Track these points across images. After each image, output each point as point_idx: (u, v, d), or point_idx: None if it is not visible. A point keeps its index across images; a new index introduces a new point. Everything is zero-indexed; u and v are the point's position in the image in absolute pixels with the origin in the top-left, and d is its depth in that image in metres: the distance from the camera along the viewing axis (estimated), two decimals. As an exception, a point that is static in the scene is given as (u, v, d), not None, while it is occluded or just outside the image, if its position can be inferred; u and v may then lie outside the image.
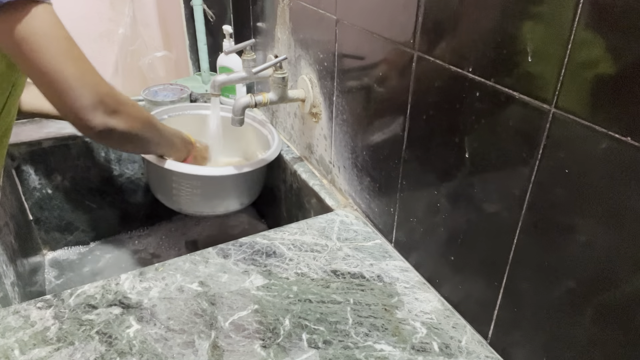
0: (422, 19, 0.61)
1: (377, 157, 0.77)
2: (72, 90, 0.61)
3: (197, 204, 1.00)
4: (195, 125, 1.10)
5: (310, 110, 0.96)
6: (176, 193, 0.98)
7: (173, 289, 0.67)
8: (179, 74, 1.61)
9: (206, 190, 0.98)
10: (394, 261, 0.75)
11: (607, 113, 0.41)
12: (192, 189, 0.96)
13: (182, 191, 0.97)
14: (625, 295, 0.43)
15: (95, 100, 0.63)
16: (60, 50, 0.60)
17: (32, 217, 1.14)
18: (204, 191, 0.97)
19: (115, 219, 1.26)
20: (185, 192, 0.97)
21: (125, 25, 1.55)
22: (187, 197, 0.98)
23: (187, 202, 1.00)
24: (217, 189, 1.00)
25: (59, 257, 1.20)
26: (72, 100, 0.62)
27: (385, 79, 0.71)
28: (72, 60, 0.61)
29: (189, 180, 0.95)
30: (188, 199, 0.98)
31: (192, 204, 1.00)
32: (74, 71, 0.61)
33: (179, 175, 0.94)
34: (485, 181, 0.56)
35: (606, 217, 0.43)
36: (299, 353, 0.58)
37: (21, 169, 1.09)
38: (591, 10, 0.41)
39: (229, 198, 1.02)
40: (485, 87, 0.53)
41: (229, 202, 1.03)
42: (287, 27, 0.99)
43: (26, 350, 0.57)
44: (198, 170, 0.93)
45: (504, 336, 0.58)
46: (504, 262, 0.55)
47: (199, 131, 1.05)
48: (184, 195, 0.98)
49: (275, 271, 0.71)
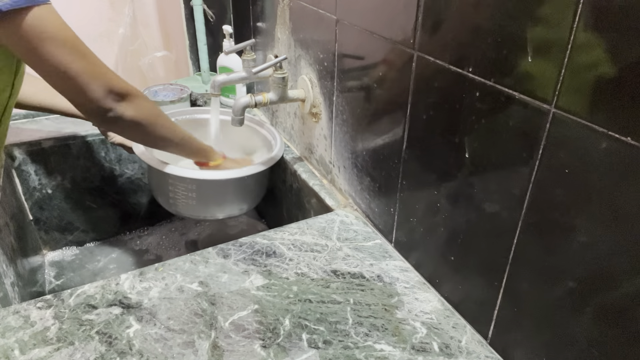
0: (422, 19, 0.61)
1: (377, 157, 0.77)
2: (84, 85, 0.65)
3: (193, 208, 0.99)
4: (194, 131, 1.09)
5: (310, 110, 0.96)
6: (173, 196, 0.97)
7: (173, 289, 0.67)
8: (179, 74, 1.61)
9: (203, 194, 0.97)
10: (394, 261, 0.75)
11: (607, 113, 0.41)
12: (188, 192, 0.95)
13: (178, 194, 0.96)
14: (625, 295, 0.43)
15: (106, 89, 0.67)
16: (68, 49, 0.62)
17: (32, 217, 1.14)
18: (200, 195, 0.96)
19: (115, 219, 1.26)
20: (181, 195, 0.96)
21: (125, 25, 1.55)
22: (184, 201, 0.97)
23: (184, 206, 0.99)
24: (215, 193, 0.99)
25: (59, 257, 1.20)
26: (84, 93, 0.66)
27: (385, 79, 0.71)
28: (80, 56, 0.64)
29: (184, 184, 0.94)
30: (184, 203, 0.97)
31: (188, 208, 0.99)
32: (84, 66, 0.64)
33: (175, 178, 0.93)
34: (485, 181, 0.56)
35: (606, 217, 0.43)
36: (299, 353, 0.58)
37: (21, 169, 1.09)
38: (591, 10, 0.41)
39: (227, 203, 1.01)
40: (485, 87, 0.53)
41: (227, 207, 1.02)
42: (287, 27, 0.99)
43: (26, 350, 0.57)
44: (193, 173, 0.92)
45: (504, 336, 0.58)
46: (504, 262, 0.55)
47: (199, 136, 1.05)
48: (181, 199, 0.97)
49: (275, 271, 0.71)
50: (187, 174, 0.92)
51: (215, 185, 0.96)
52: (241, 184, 0.99)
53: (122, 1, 1.53)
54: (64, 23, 0.62)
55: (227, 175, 0.94)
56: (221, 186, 0.98)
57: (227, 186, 0.98)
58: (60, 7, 0.64)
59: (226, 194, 1.00)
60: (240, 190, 1.02)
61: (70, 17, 0.68)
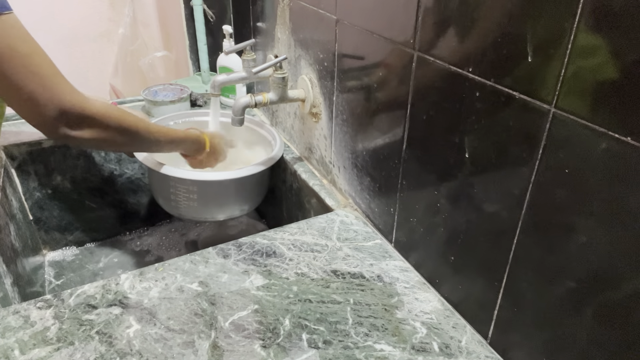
0: (422, 19, 0.61)
1: (377, 157, 0.77)
2: (35, 105, 0.62)
3: (195, 210, 0.99)
4: None
5: (310, 110, 0.96)
6: (174, 198, 0.97)
7: (173, 289, 0.67)
8: (179, 74, 1.61)
9: (203, 195, 0.96)
10: (394, 261, 0.75)
11: (607, 113, 0.41)
12: (189, 194, 0.95)
13: (179, 196, 0.96)
14: (625, 295, 0.43)
15: (57, 114, 0.63)
16: (22, 65, 0.59)
17: (32, 217, 1.14)
18: (201, 196, 0.96)
19: (115, 219, 1.26)
20: (182, 197, 0.96)
21: (125, 25, 1.55)
22: (185, 203, 0.97)
23: (186, 208, 0.98)
24: (215, 195, 0.99)
25: (59, 257, 1.20)
26: (34, 113, 0.63)
27: (385, 79, 0.71)
28: (34, 74, 0.60)
29: (185, 185, 0.94)
30: (186, 205, 0.97)
31: (190, 210, 0.99)
32: (36, 87, 0.61)
33: (176, 180, 0.93)
34: (485, 181, 0.56)
35: (606, 217, 0.43)
36: (299, 353, 0.58)
37: (21, 169, 1.09)
38: (591, 10, 0.41)
39: (229, 204, 1.01)
40: (485, 87, 0.53)
41: (228, 208, 1.01)
42: (287, 27, 0.99)
43: (26, 350, 0.57)
44: (194, 174, 0.92)
45: (504, 336, 0.58)
46: (504, 262, 0.55)
47: None
48: (182, 201, 0.97)
49: (275, 271, 0.71)
50: (187, 176, 0.92)
51: (216, 186, 0.96)
52: (241, 184, 0.99)
53: (122, 1, 1.53)
54: (23, 35, 0.59)
55: (227, 176, 0.94)
56: (222, 187, 0.98)
57: (227, 187, 0.98)
58: (60, 7, 0.64)
59: (227, 195, 1.00)
60: (240, 191, 1.01)
61: (71, 17, 0.68)
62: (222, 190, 0.99)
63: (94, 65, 1.56)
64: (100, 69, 1.59)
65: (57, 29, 1.44)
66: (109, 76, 1.61)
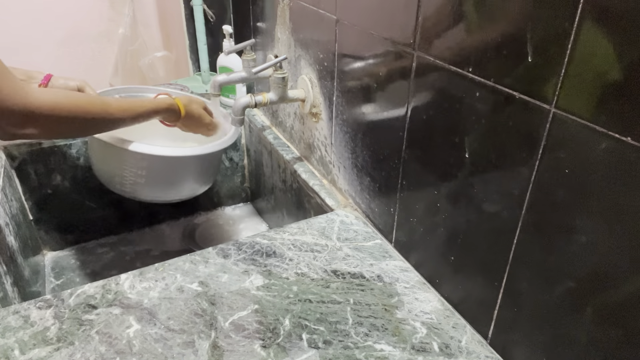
0: (422, 19, 0.61)
1: (377, 157, 0.77)
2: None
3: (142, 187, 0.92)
4: None
5: (310, 110, 0.96)
6: (119, 173, 0.90)
7: (173, 289, 0.67)
8: (179, 74, 1.61)
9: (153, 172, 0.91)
10: (394, 261, 0.75)
11: (607, 113, 0.41)
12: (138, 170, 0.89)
13: (126, 171, 0.89)
14: (625, 295, 0.43)
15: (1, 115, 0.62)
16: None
17: (32, 217, 1.14)
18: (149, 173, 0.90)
19: (115, 219, 1.26)
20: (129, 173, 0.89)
21: (125, 25, 1.55)
22: (132, 179, 0.90)
23: (132, 185, 0.92)
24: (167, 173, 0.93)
25: (59, 257, 1.20)
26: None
27: (385, 79, 0.71)
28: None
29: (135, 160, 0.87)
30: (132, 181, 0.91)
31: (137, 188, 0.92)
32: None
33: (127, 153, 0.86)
34: (485, 181, 0.56)
35: (606, 217, 0.43)
36: (299, 353, 0.58)
37: (21, 169, 1.09)
38: (592, 10, 0.41)
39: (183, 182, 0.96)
40: (485, 87, 0.53)
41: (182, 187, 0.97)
42: (287, 27, 0.99)
43: (26, 350, 0.57)
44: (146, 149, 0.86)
45: (504, 336, 0.58)
46: (504, 262, 0.55)
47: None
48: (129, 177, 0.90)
49: (275, 271, 0.71)
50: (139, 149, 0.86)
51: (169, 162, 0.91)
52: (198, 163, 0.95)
53: (122, 1, 1.53)
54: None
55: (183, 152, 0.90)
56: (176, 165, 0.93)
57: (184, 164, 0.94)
58: (60, 7, 0.64)
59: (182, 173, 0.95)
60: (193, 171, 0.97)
61: (71, 17, 0.67)
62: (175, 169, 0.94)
63: (94, 65, 1.56)
64: (100, 69, 1.59)
65: (57, 28, 1.44)
66: (109, 76, 1.61)
